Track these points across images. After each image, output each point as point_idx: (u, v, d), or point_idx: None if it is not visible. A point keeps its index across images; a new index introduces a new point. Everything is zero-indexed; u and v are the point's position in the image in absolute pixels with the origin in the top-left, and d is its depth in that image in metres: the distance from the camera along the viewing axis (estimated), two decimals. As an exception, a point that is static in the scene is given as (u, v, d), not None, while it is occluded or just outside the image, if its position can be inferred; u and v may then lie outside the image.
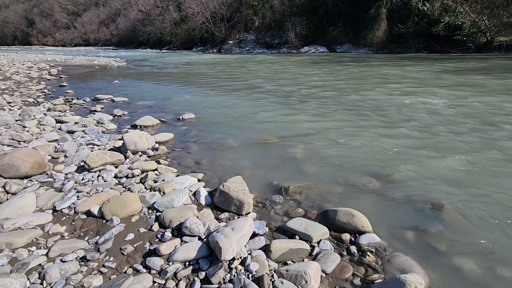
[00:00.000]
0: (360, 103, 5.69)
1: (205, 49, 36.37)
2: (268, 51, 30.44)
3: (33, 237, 1.84)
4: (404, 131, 3.98)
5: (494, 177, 2.64)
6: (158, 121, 4.65)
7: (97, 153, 2.84)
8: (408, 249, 1.78)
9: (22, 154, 2.59)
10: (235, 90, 7.60)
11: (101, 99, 6.46)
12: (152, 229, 1.93)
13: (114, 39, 59.41)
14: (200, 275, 1.55)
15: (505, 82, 7.87)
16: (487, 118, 4.45)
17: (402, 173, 2.72)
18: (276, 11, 32.51)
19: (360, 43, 25.69)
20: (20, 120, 4.45)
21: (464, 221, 2.02)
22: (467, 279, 1.56)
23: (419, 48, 22.31)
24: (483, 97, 5.98)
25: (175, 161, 3.11)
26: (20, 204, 2.10)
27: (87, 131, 4.05)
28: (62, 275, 1.52)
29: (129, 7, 56.92)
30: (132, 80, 10.28)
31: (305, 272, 1.47)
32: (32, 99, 6.29)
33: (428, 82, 8.32)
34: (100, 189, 2.39)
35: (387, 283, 1.43)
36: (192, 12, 38.22)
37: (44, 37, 76.05)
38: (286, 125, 4.36)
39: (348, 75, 10.44)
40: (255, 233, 1.88)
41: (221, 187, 2.23)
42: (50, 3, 76.30)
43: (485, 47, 20.25)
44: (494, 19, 20.23)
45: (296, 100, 6.12)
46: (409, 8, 22.94)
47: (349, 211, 1.97)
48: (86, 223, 2.00)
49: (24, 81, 8.98)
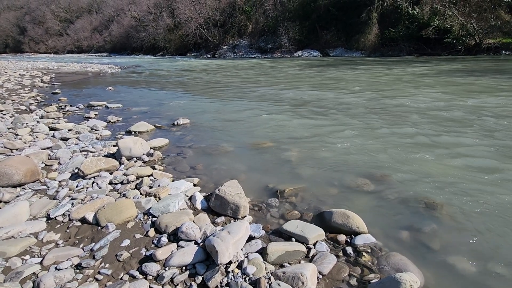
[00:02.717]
0: (352, 106, 5.76)
1: (199, 55, 36.46)
2: (262, 55, 30.65)
3: (27, 246, 1.81)
4: (397, 132, 4.04)
5: (487, 176, 2.69)
6: (153, 126, 4.64)
7: (91, 160, 2.83)
8: (403, 248, 1.80)
9: (14, 162, 2.56)
10: (230, 95, 7.63)
11: (95, 106, 6.43)
12: (148, 235, 1.92)
13: (107, 46, 59.22)
14: (197, 280, 1.55)
15: (496, 82, 8.04)
16: (479, 118, 4.54)
17: (396, 174, 2.75)
18: (269, 16, 32.84)
19: (352, 47, 26.06)
20: (13, 128, 4.40)
21: (457, 220, 2.06)
22: (461, 277, 1.58)
23: (410, 51, 22.71)
24: (475, 97, 6.09)
25: (170, 167, 3.10)
26: (13, 213, 2.07)
27: (81, 138, 4.02)
28: (56, 283, 1.50)
29: (122, 13, 56.93)
30: (126, 86, 10.26)
31: (302, 274, 1.47)
32: (24, 107, 6.23)
33: (419, 83, 8.45)
34: (95, 196, 2.37)
35: (383, 283, 1.44)
36: (186, 18, 38.38)
37: (36, 44, 75.47)
38: (281, 129, 4.39)
39: (340, 78, 10.56)
40: (252, 236, 1.88)
41: (217, 191, 2.24)
42: (42, 10, 75.92)
43: (474, 49, 20.70)
44: (482, 22, 20.73)
45: (289, 104, 6.16)
46: (400, 12, 23.41)
47: (345, 212, 1.99)
48: (81, 230, 1.98)
49: (16, 88, 8.89)
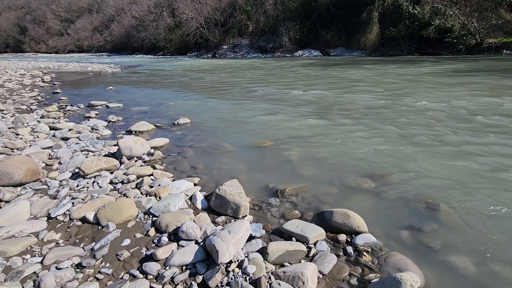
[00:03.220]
0: (353, 105, 5.75)
1: (200, 54, 36.46)
2: (262, 55, 30.63)
3: (28, 245, 1.81)
4: (398, 131, 4.03)
5: (488, 175, 2.68)
6: (153, 126, 4.64)
7: (92, 159, 2.83)
8: (404, 248, 1.80)
9: (15, 162, 2.56)
10: (230, 95, 7.63)
11: (95, 106, 6.43)
12: (148, 234, 1.92)
13: (108, 46, 59.26)
14: (198, 279, 1.55)
15: (499, 83, 8.02)
16: (480, 118, 4.53)
17: (396, 173, 2.75)
18: (269, 16, 32.81)
19: (353, 46, 26.02)
20: (13, 127, 4.40)
21: (458, 219, 2.05)
22: (461, 276, 1.58)
23: (411, 51, 22.67)
24: (477, 97, 6.08)
25: (170, 166, 3.10)
26: (13, 212, 2.08)
27: (81, 138, 4.02)
28: (57, 282, 1.50)
29: (123, 13, 56.95)
30: (127, 86, 10.26)
31: (302, 273, 1.47)
32: (25, 107, 6.23)
33: (419, 83, 8.44)
34: (95, 195, 2.37)
35: (383, 282, 1.44)
36: (186, 18, 38.37)
37: (37, 44, 75.54)
38: (281, 128, 4.39)
39: (340, 77, 10.54)
40: (252, 236, 1.88)
41: (217, 190, 2.23)
42: (42, 10, 75.99)
43: (475, 48, 20.66)
44: (483, 22, 20.68)
45: (290, 103, 6.15)
46: (400, 12, 23.36)
47: (345, 212, 1.99)
48: (82, 229, 1.99)
49: (16, 88, 8.90)
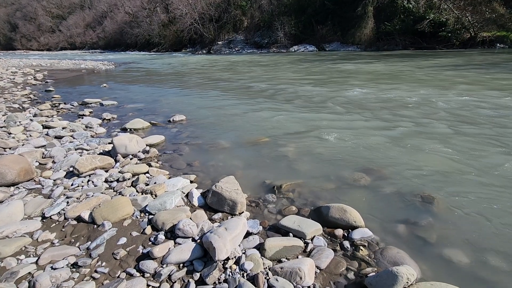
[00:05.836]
0: (348, 101, 5.76)
1: (195, 50, 36.17)
2: (257, 51, 30.49)
3: (22, 245, 1.79)
4: (393, 126, 4.04)
5: (483, 169, 2.70)
6: (149, 123, 4.60)
7: (86, 158, 2.80)
8: (400, 242, 1.81)
9: (8, 161, 2.52)
10: (225, 91, 7.58)
11: (89, 103, 6.35)
12: (145, 232, 1.91)
13: (101, 42, 58.43)
14: (195, 276, 1.55)
15: (494, 77, 8.07)
16: (477, 112, 4.56)
17: (392, 168, 2.76)
18: (264, 11, 32.60)
19: (348, 41, 26.01)
20: (5, 126, 4.33)
21: (453, 213, 2.07)
22: (457, 269, 1.60)
23: (406, 45, 22.74)
24: (473, 91, 6.12)
25: (166, 164, 3.08)
26: (7, 212, 2.04)
27: (75, 136, 3.97)
28: (53, 282, 1.49)
29: (116, 9, 56.07)
30: (121, 83, 10.14)
31: (300, 269, 1.48)
32: (17, 105, 6.13)
33: (413, 77, 8.47)
34: (90, 194, 2.35)
35: (380, 276, 1.45)
36: (180, 13, 37.96)
37: (28, 41, 74.22)
38: (277, 124, 4.38)
39: (335, 72, 10.54)
40: (249, 232, 1.88)
41: (214, 187, 2.22)
42: (33, 6, 74.54)
43: (469, 42, 20.78)
44: (477, 15, 20.78)
45: (286, 99, 6.14)
46: (395, 6, 23.36)
47: (342, 207, 1.99)
48: (77, 229, 1.97)
49: (8, 86, 8.75)
